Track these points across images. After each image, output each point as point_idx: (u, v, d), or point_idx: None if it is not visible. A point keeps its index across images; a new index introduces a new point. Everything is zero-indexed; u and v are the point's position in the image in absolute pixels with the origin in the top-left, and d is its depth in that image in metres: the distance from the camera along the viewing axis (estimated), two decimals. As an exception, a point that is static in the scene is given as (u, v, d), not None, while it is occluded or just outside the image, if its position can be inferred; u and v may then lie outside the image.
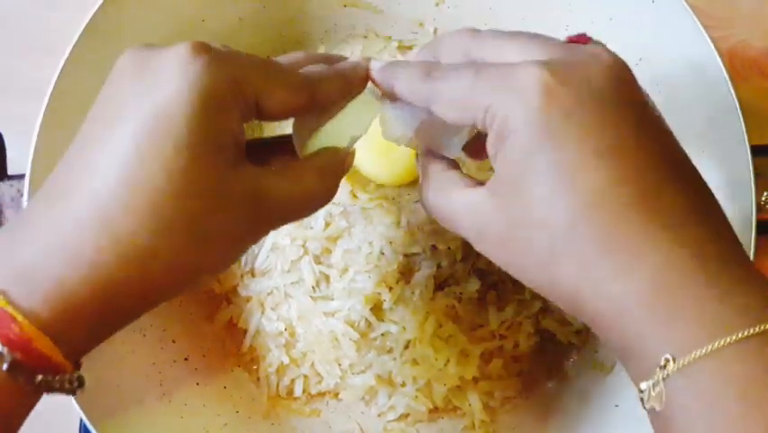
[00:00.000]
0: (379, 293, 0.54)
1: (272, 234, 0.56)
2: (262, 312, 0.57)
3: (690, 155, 0.50)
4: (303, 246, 0.55)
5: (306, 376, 0.56)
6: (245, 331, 0.57)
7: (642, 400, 0.30)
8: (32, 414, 0.31)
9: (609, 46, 0.52)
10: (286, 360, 0.56)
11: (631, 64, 0.52)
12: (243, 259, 0.58)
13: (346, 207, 0.54)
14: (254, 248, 0.57)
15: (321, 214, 0.55)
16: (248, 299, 0.57)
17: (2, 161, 0.52)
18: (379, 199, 0.55)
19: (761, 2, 0.65)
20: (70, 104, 0.47)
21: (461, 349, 0.54)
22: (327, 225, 0.55)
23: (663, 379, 0.28)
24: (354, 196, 0.54)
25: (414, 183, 0.56)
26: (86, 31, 0.47)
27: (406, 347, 0.55)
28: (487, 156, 0.33)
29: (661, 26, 0.49)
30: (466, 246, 0.54)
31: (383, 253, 0.54)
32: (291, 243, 0.55)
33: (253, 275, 0.57)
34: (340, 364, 0.55)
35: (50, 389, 0.31)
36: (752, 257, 0.44)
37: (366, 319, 0.54)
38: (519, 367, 0.57)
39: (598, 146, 0.30)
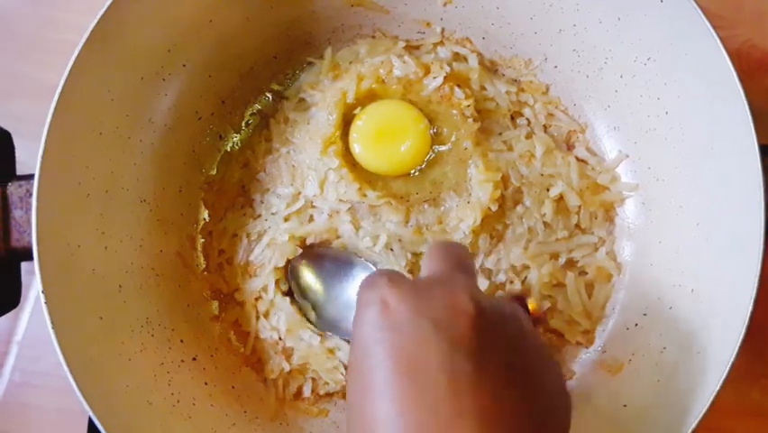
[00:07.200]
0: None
1: (270, 231, 0.56)
2: (257, 317, 0.57)
3: (698, 156, 0.50)
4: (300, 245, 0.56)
5: (312, 379, 0.56)
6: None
7: None
8: (43, 414, 0.31)
9: (618, 45, 0.53)
10: (287, 367, 0.56)
11: (640, 64, 0.53)
12: (240, 253, 0.57)
13: (354, 204, 0.54)
14: (251, 243, 0.57)
15: (325, 210, 0.55)
16: (244, 303, 0.57)
17: (11, 161, 0.52)
18: (387, 197, 0.54)
19: (766, 3, 0.65)
20: (79, 104, 0.47)
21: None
22: (330, 218, 0.55)
23: None
24: (363, 194, 0.54)
25: (418, 177, 0.56)
26: (94, 32, 0.47)
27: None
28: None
29: (669, 26, 0.48)
30: (474, 246, 0.54)
31: (392, 250, 0.54)
32: (288, 240, 0.56)
33: (248, 271, 0.57)
34: (342, 373, 0.55)
35: None
36: (760, 258, 0.44)
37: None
38: (526, 367, 0.56)
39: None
